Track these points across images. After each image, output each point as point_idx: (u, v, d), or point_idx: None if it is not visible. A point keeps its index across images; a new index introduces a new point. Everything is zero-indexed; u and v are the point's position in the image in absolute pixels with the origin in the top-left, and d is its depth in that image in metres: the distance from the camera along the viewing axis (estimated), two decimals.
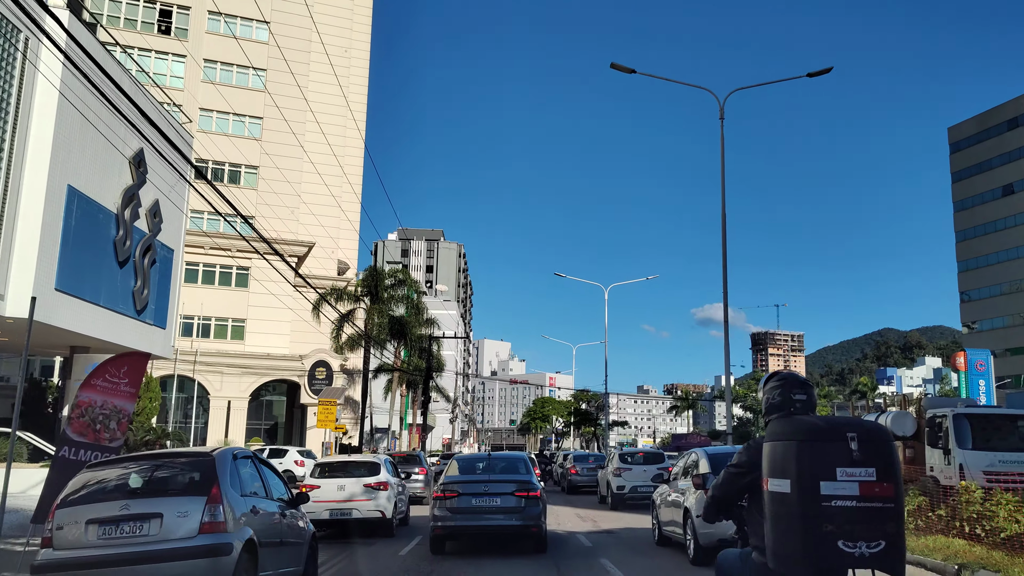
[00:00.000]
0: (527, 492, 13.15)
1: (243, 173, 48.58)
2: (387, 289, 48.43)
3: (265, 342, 45.13)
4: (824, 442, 3.54)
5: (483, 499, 13.15)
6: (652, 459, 23.84)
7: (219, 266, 45.78)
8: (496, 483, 13.37)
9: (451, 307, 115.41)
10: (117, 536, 7.36)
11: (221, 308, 45.58)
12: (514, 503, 13.09)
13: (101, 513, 7.46)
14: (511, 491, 13.13)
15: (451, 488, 13.33)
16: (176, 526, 7.42)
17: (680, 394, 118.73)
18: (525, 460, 15.11)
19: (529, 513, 13.09)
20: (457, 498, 13.19)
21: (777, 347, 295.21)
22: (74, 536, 7.39)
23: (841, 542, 3.42)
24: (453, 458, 15.85)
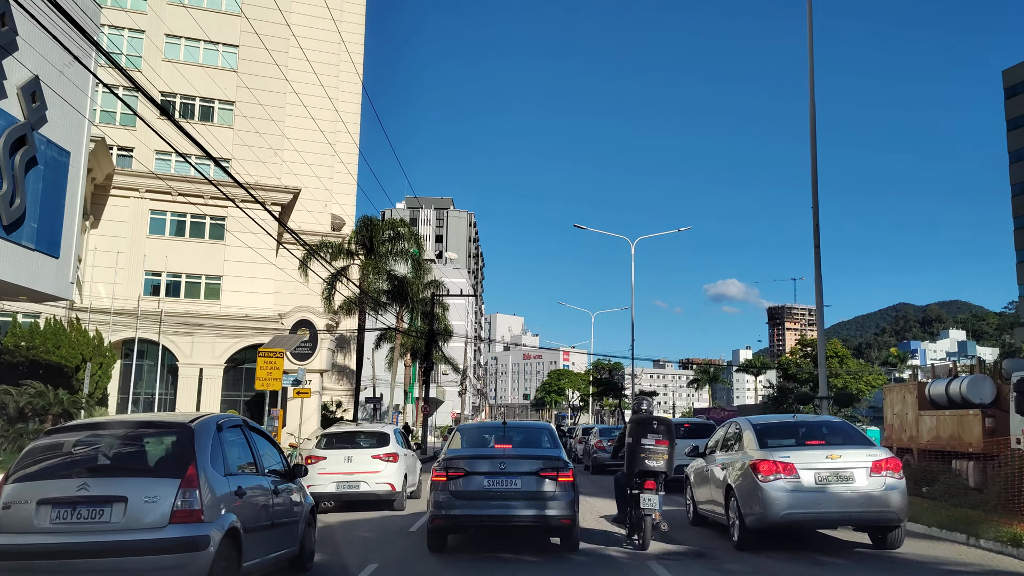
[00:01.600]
0: (556, 472, 10.19)
1: (216, 109, 42.53)
2: (384, 243, 42.56)
3: (244, 302, 39.35)
4: (646, 423, 11.18)
5: (497, 480, 10.18)
6: (701, 431, 19.94)
7: (190, 215, 39.92)
8: (515, 459, 10.38)
9: (461, 276, 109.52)
10: (73, 521, 6.30)
11: (192, 263, 39.78)
12: (538, 487, 10.13)
13: (55, 493, 6.40)
14: (535, 470, 10.21)
15: (455, 466, 10.36)
16: (143, 513, 6.34)
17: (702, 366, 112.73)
18: (550, 431, 11.82)
19: (559, 501, 10.11)
20: (463, 479, 10.22)
21: (794, 321, 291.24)
22: (23, 518, 6.30)
23: (647, 462, 10.89)
24: (457, 428, 12.34)
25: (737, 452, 11.18)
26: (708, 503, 12.25)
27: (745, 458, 10.60)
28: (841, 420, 12.42)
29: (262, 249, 37.82)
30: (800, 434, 11.06)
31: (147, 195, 39.20)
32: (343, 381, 51.44)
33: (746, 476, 10.28)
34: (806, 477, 9.81)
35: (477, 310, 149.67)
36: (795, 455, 10.05)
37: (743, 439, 11.15)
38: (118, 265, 37.38)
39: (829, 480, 9.80)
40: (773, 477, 9.85)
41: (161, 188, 38.65)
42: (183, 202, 39.09)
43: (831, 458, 9.91)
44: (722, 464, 11.50)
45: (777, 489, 9.79)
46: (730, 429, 12.10)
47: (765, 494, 9.83)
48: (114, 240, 38.22)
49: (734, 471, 10.80)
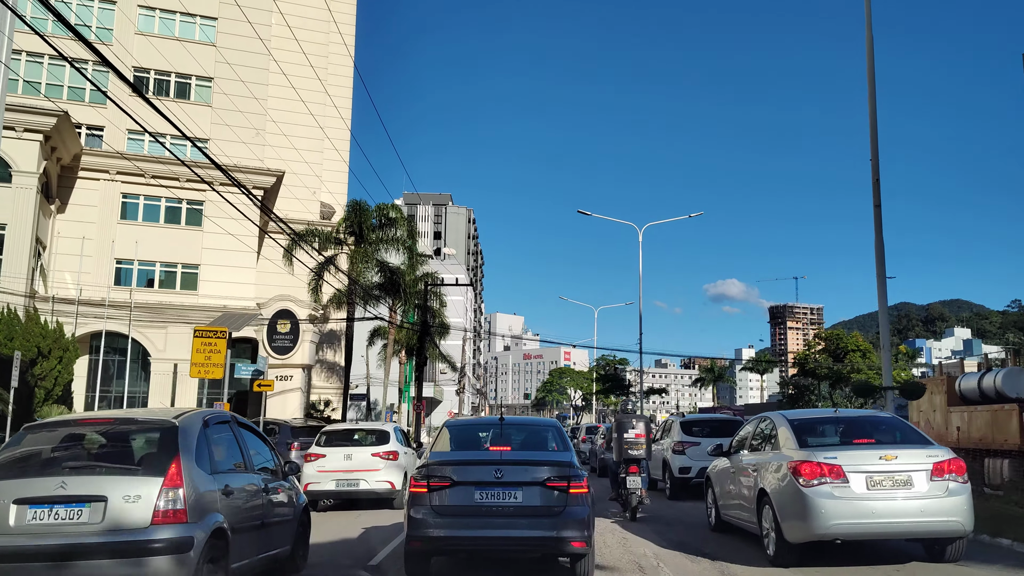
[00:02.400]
0: (567, 482, 8.00)
1: (193, 86, 39.69)
2: (375, 230, 39.76)
3: (224, 293, 36.53)
4: (627, 422, 14.08)
5: (493, 493, 8.00)
6: (729, 429, 17.47)
7: (165, 200, 37.08)
8: (515, 466, 8.16)
9: (460, 272, 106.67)
10: (49, 522, 6.00)
11: (167, 251, 36.97)
12: (545, 501, 7.96)
13: (32, 491, 6.07)
14: (540, 480, 8.02)
15: (439, 473, 8.14)
16: (123, 513, 6.03)
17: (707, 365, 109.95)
18: (557, 429, 9.54)
19: (571, 519, 7.89)
20: (449, 490, 8.03)
21: (796, 320, 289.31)
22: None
23: (630, 451, 13.75)
24: (444, 425, 9.86)
25: (771, 452, 9.80)
26: (735, 508, 10.84)
27: (782, 459, 9.22)
28: (891, 415, 10.90)
29: (244, 236, 34.98)
30: (845, 431, 9.69)
31: (118, 177, 36.39)
32: (333, 379, 48.53)
33: (784, 480, 8.94)
34: (856, 482, 8.46)
35: (477, 308, 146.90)
36: (843, 456, 8.68)
37: (778, 437, 9.74)
38: (85, 253, 34.56)
39: (883, 485, 8.48)
40: (817, 482, 8.50)
41: (133, 170, 35.84)
42: (157, 185, 36.37)
43: (885, 459, 8.56)
44: (753, 465, 10.11)
45: (822, 496, 8.44)
46: (760, 425, 10.68)
47: (808, 502, 8.49)
48: (82, 226, 35.42)
49: (768, 474, 9.43)
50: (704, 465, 16.24)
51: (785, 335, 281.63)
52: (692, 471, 16.97)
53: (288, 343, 32.81)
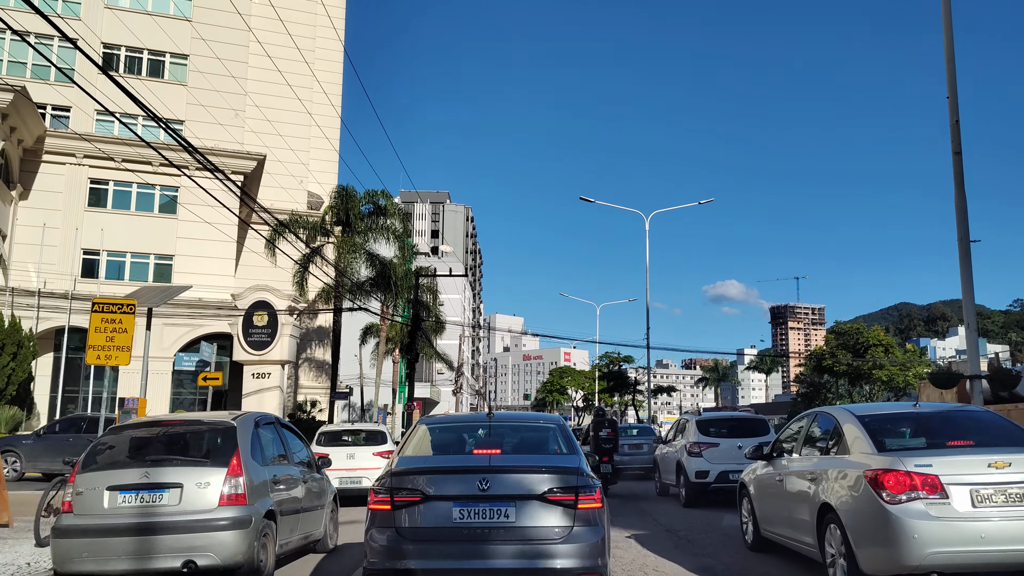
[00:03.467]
0: (574, 495, 5.99)
1: (167, 64, 37.04)
2: (363, 218, 37.20)
3: (201, 285, 33.85)
4: (600, 422, 18.63)
5: (477, 510, 5.95)
6: (750, 429, 16.25)
7: (136, 185, 34.45)
8: (506, 474, 6.10)
9: (457, 270, 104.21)
10: (137, 504, 7.30)
11: (139, 241, 34.33)
12: (545, 520, 5.93)
13: (121, 480, 7.37)
14: (539, 492, 5.99)
15: (408, 485, 6.09)
16: (196, 497, 7.32)
17: (711, 365, 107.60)
18: (560, 427, 7.50)
19: (580, 544, 5.89)
20: (421, 507, 6.01)
21: (797, 320, 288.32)
22: (94, 502, 7.30)
23: (603, 445, 18.18)
24: (419, 423, 7.65)
25: (836, 457, 7.81)
26: (783, 525, 8.85)
27: (853, 467, 7.25)
28: (984, 409, 8.73)
29: (222, 225, 32.40)
30: (932, 430, 7.71)
31: (85, 161, 33.78)
32: (322, 378, 45.90)
33: (859, 494, 7.00)
34: (959, 497, 6.51)
35: (475, 308, 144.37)
36: (939, 463, 6.68)
37: (844, 437, 7.74)
38: (49, 242, 32.01)
39: (993, 500, 6.51)
40: (906, 497, 6.56)
41: (102, 153, 33.23)
42: (128, 170, 33.72)
43: (996, 467, 6.62)
44: (809, 473, 8.09)
45: (915, 516, 6.49)
46: (814, 423, 8.78)
47: (896, 523, 6.53)
48: (47, 213, 32.85)
49: (834, 485, 7.49)
50: (725, 469, 14.96)
51: (786, 335, 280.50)
52: (711, 475, 15.24)
53: (265, 337, 30.16)
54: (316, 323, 46.38)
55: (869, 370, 45.89)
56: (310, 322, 46.63)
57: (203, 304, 32.98)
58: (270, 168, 39.53)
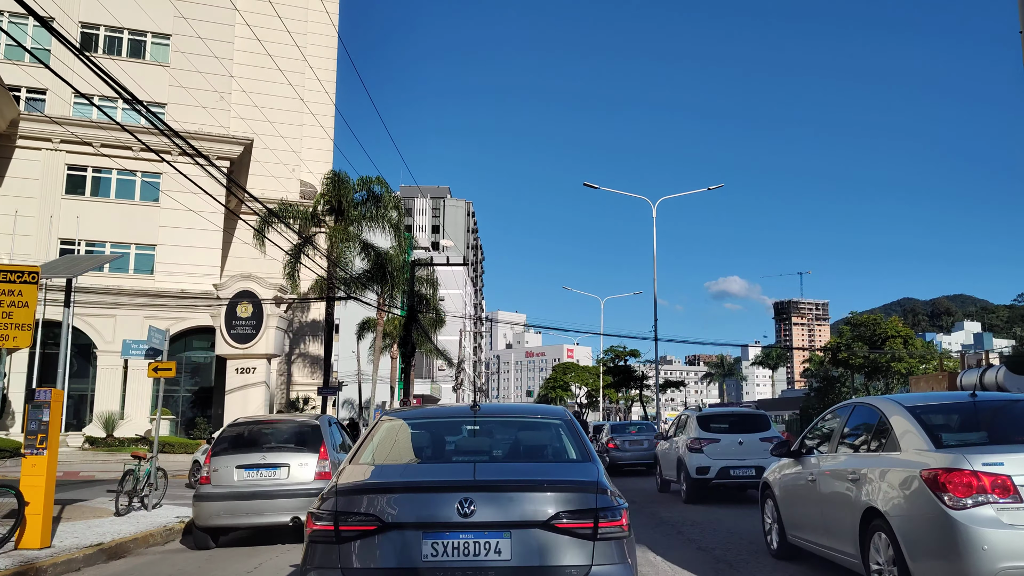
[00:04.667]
0: (592, 521, 4.26)
1: (149, 44, 35.30)
2: (356, 206, 35.41)
3: (184, 276, 32.21)
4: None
5: (456, 544, 4.19)
6: (751, 424, 15.94)
7: (116, 172, 32.72)
8: (498, 491, 4.37)
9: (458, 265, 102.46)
10: (257, 478, 10.07)
11: (119, 230, 32.65)
12: (554, 559, 4.17)
13: (246, 460, 10.16)
14: (546, 519, 4.22)
15: (359, 510, 4.24)
16: (299, 474, 10.12)
17: (716, 361, 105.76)
18: (568, 424, 5.55)
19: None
20: (378, 539, 4.19)
21: (801, 316, 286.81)
22: (225, 476, 10.03)
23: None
24: (381, 418, 5.71)
25: (883, 454, 6.80)
26: (814, 532, 7.84)
27: (906, 465, 6.25)
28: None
29: (208, 213, 30.68)
30: (996, 423, 6.68)
31: (63, 147, 32.09)
32: (317, 374, 44.17)
33: (914, 498, 6.02)
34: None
35: (477, 304, 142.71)
36: (1011, 461, 5.68)
37: (893, 432, 6.72)
38: (23, 231, 30.32)
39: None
40: (972, 501, 5.59)
41: (80, 138, 31.52)
42: (108, 156, 31.99)
43: None
44: (851, 473, 7.02)
45: (984, 523, 5.49)
46: (855, 415, 7.71)
47: (962, 531, 5.54)
48: (21, 201, 31.17)
49: (882, 487, 6.48)
50: (726, 465, 14.87)
51: (790, 331, 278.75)
52: (711, 471, 15.06)
53: (250, 329, 28.39)
54: (310, 316, 44.68)
55: (887, 363, 44.07)
56: (303, 316, 44.94)
57: (186, 296, 31.29)
58: (260, 156, 37.84)
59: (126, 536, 9.49)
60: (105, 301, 30.19)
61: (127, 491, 11.73)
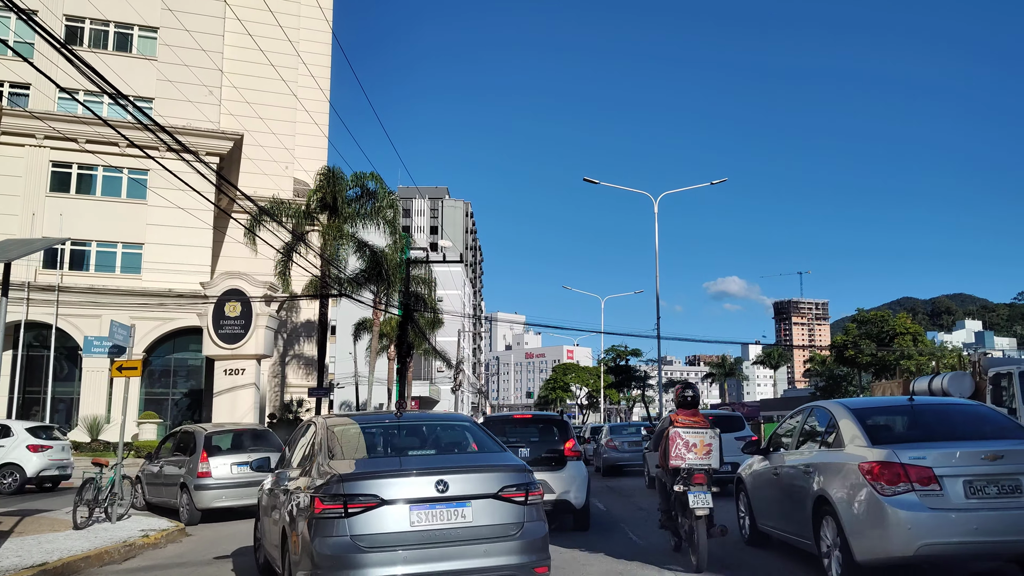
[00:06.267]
0: (525, 493, 6.23)
1: (136, 37, 34.34)
2: (351, 202, 34.46)
3: (173, 276, 31.26)
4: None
5: (435, 512, 5.97)
6: (727, 425, 17.29)
7: (102, 168, 31.78)
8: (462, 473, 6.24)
9: (456, 266, 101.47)
10: (247, 471, 12.36)
11: (105, 228, 31.70)
12: (501, 519, 6.10)
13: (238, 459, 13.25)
14: (495, 491, 6.14)
15: (365, 494, 5.87)
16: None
17: (717, 361, 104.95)
18: (473, 425, 7.67)
19: (533, 538, 6.15)
20: (379, 511, 5.82)
21: (801, 315, 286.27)
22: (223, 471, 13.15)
23: None
24: (308, 422, 7.65)
25: (831, 450, 7.81)
26: (778, 519, 8.91)
27: (849, 459, 7.29)
28: (978, 403, 9.07)
29: (197, 211, 29.71)
30: (926, 424, 7.65)
31: (47, 143, 31.16)
32: (312, 375, 43.25)
33: (854, 487, 7.05)
34: (952, 488, 6.63)
35: (476, 305, 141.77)
36: (933, 455, 6.76)
37: (840, 431, 7.76)
38: (3, 230, 29.30)
39: (986, 492, 6.63)
40: (902, 488, 6.64)
41: (65, 134, 30.59)
42: (93, 152, 31.05)
43: (988, 459, 6.71)
44: (806, 467, 8.09)
45: (909, 507, 6.57)
46: (812, 417, 8.77)
47: (890, 515, 6.60)
48: (4, 199, 30.31)
49: (830, 478, 7.48)
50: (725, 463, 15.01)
51: (790, 331, 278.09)
52: None
53: (238, 329, 27.40)
54: (304, 317, 43.75)
55: (896, 360, 43.01)
56: (297, 317, 44.00)
57: (174, 295, 30.35)
58: (252, 153, 36.92)
59: (77, 554, 8.42)
60: (90, 301, 29.24)
61: (87, 501, 10.82)
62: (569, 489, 10.69)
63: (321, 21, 45.54)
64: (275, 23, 33.17)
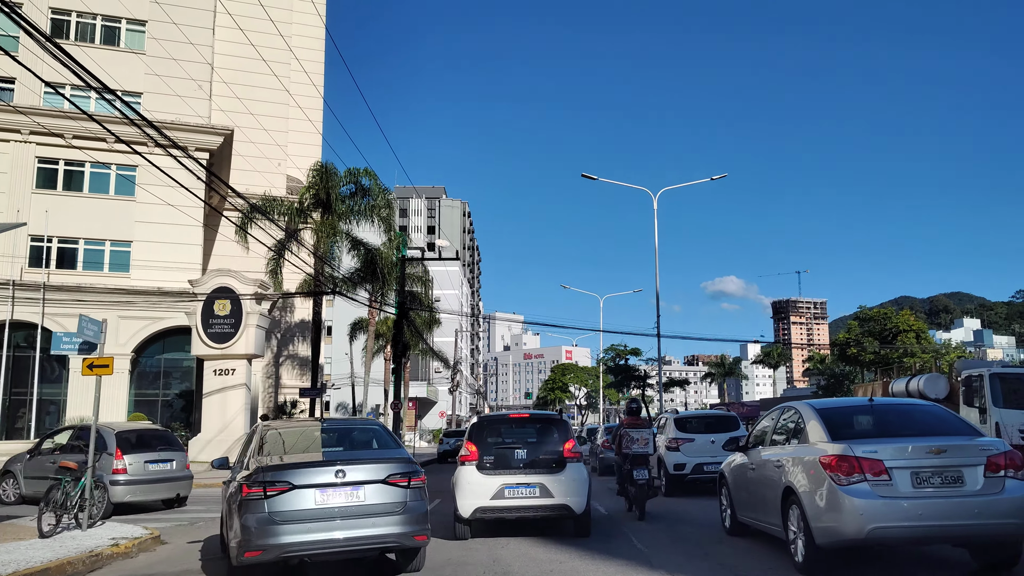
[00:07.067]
0: (407, 479, 7.96)
1: (124, 31, 33.65)
2: (344, 200, 33.78)
3: (162, 274, 30.56)
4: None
5: (334, 492, 7.69)
6: (722, 425, 17.79)
7: (89, 164, 31.09)
8: (358, 463, 8.04)
9: (454, 266, 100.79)
10: (158, 468, 15.07)
11: (93, 225, 31.00)
12: (388, 498, 7.87)
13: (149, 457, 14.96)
14: (382, 478, 7.87)
15: (280, 480, 7.65)
16: (180, 464, 15.65)
17: (717, 360, 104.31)
18: (382, 428, 9.40)
19: (414, 513, 7.88)
20: (290, 494, 7.54)
21: (799, 315, 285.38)
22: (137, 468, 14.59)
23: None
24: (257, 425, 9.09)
25: (798, 446, 8.60)
26: (754, 509, 9.64)
27: (811, 454, 8.06)
28: (932, 403, 9.55)
29: (187, 208, 29.00)
30: (883, 422, 8.44)
31: (32, 138, 30.48)
32: (306, 376, 42.56)
33: (815, 478, 7.82)
34: (900, 479, 7.37)
35: (474, 305, 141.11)
36: (884, 449, 7.49)
37: (806, 429, 8.56)
38: None
39: (931, 483, 7.39)
40: (856, 479, 7.40)
41: (51, 129, 29.88)
42: (80, 147, 30.36)
43: (933, 453, 7.43)
44: (776, 461, 8.86)
45: (861, 495, 7.33)
46: (784, 416, 9.48)
47: (845, 502, 7.37)
48: None
49: (796, 471, 8.30)
50: (699, 461, 16.42)
51: (789, 330, 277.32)
52: (687, 468, 16.65)
53: (228, 328, 26.68)
54: (299, 317, 43.06)
55: (899, 358, 42.27)
56: (292, 316, 43.31)
57: (164, 294, 29.64)
58: (245, 150, 36.23)
59: (34, 566, 7.72)
60: (77, 300, 28.53)
61: (54, 508, 10.12)
62: (569, 494, 10.03)
63: (314, 16, 44.88)
64: (267, 17, 32.55)
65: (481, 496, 9.97)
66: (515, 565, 8.43)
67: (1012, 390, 16.96)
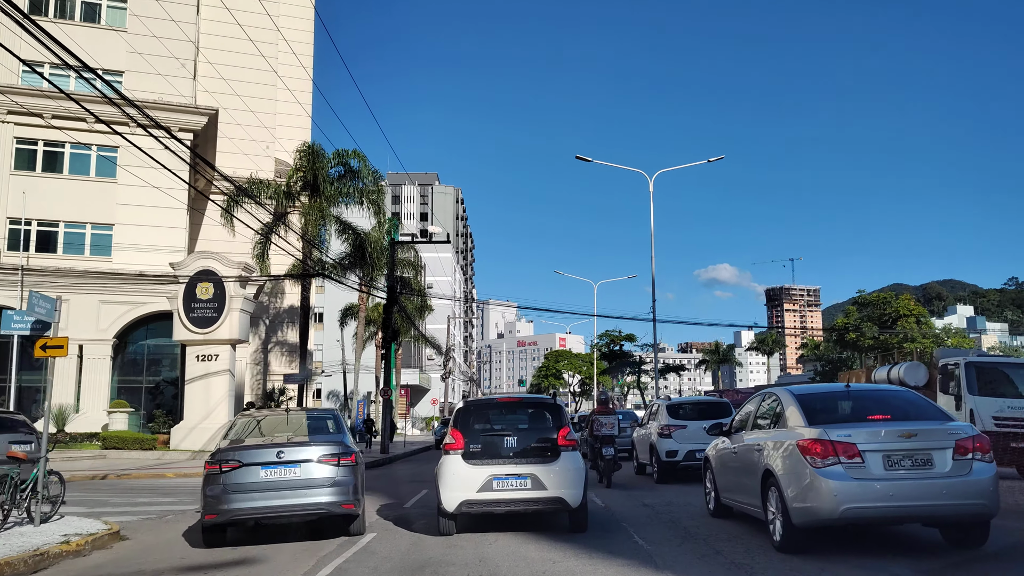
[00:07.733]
0: (337, 458, 9.60)
1: (104, 7, 32.64)
2: (332, 182, 32.98)
3: (145, 257, 29.72)
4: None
5: (276, 469, 9.29)
6: (715, 412, 17.57)
7: (69, 145, 30.16)
8: (296, 446, 9.73)
9: (447, 253, 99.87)
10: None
11: (73, 208, 30.12)
12: (320, 474, 9.52)
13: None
14: (316, 458, 9.66)
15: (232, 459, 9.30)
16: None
17: (711, 347, 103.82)
18: (335, 416, 10.88)
19: (343, 487, 9.42)
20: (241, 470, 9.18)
21: (793, 302, 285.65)
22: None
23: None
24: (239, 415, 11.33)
25: (777, 430, 8.87)
26: (736, 492, 9.91)
27: (789, 437, 8.33)
28: (906, 389, 9.90)
29: (171, 190, 28.14)
30: (858, 407, 8.74)
31: (10, 118, 29.58)
32: (295, 363, 41.82)
33: (792, 460, 8.12)
34: (872, 461, 7.70)
35: (467, 292, 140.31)
36: (857, 433, 7.83)
37: (785, 414, 8.85)
38: None
39: (902, 465, 7.73)
40: (830, 461, 7.73)
41: (30, 109, 28.95)
42: (60, 128, 29.42)
43: (904, 436, 7.77)
44: (757, 445, 9.12)
45: (835, 477, 7.68)
46: (765, 402, 9.73)
47: (819, 483, 7.71)
48: None
49: (775, 454, 8.55)
50: (691, 448, 16.40)
51: (782, 317, 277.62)
52: (679, 454, 16.75)
53: (211, 312, 25.85)
54: (288, 303, 42.30)
55: (899, 343, 41.69)
56: (281, 302, 42.55)
57: (146, 278, 28.81)
58: (231, 132, 35.32)
59: None
60: (57, 284, 27.67)
61: (1, 502, 9.38)
62: (563, 485, 9.16)
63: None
64: None
65: (467, 488, 9.12)
66: (504, 565, 7.66)
67: (987, 378, 17.59)
